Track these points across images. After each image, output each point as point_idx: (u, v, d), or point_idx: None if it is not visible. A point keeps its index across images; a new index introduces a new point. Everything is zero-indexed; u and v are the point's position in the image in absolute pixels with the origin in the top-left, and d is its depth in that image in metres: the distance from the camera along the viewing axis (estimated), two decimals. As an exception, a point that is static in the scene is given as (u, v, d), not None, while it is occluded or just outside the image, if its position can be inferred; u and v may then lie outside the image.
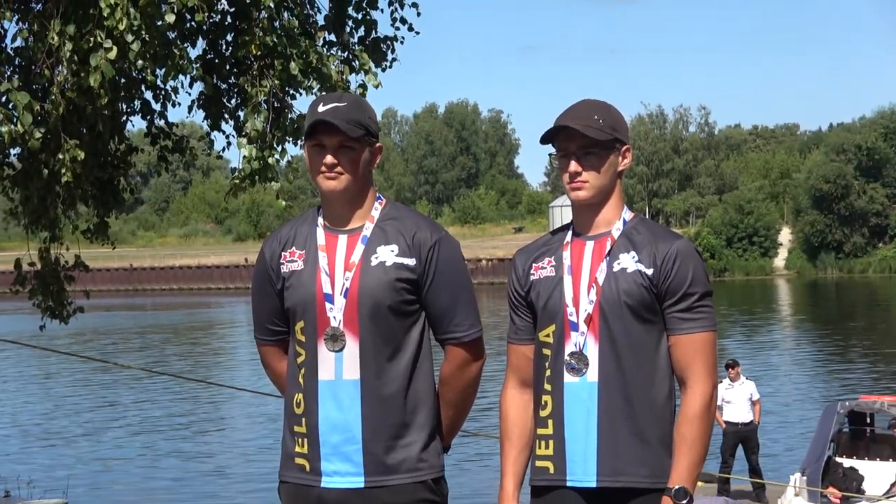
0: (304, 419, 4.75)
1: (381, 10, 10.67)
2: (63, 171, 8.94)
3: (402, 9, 10.71)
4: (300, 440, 4.78)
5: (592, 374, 4.68)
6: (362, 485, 4.77)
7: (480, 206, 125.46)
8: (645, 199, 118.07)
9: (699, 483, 4.62)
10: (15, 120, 8.49)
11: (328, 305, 4.69)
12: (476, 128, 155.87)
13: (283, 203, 9.86)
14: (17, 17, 9.27)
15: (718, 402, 19.98)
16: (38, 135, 8.64)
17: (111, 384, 44.18)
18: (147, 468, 30.88)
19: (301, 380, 4.78)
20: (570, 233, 4.77)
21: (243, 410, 28.76)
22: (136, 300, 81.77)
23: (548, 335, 4.72)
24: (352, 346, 4.69)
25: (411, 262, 4.70)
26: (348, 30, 10.41)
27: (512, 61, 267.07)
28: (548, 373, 4.70)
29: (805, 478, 19.65)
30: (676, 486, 4.47)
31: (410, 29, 10.52)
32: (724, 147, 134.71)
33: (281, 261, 4.81)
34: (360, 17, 10.63)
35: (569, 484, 4.71)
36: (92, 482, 28.08)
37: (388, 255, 4.73)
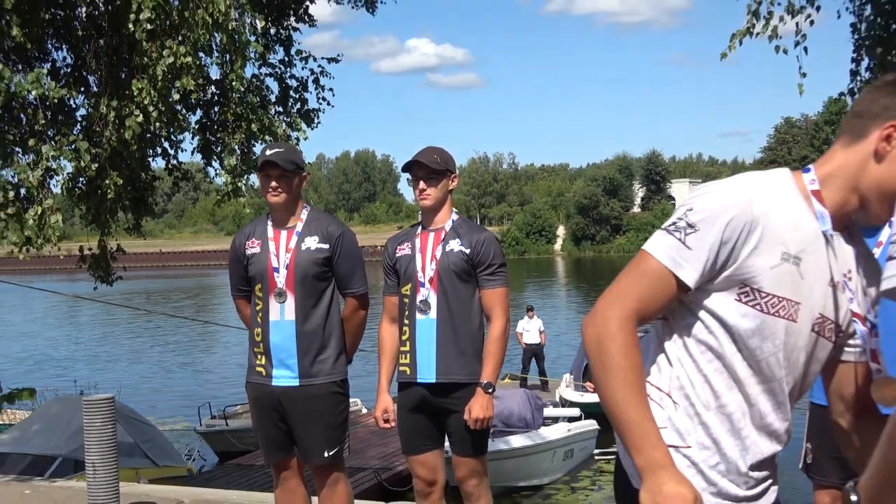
0: (261, 344, 5.20)
1: (310, 93, 10.36)
2: (108, 191, 8.83)
3: (324, 91, 10.49)
4: (259, 357, 5.23)
5: (433, 313, 5.06)
6: (297, 383, 5.15)
7: (377, 214, 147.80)
8: (476, 209, 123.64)
9: (508, 381, 4.79)
10: (80, 159, 8.24)
11: (276, 275, 5.14)
12: (374, 164, 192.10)
13: (248, 211, 9.74)
14: (83, 96, 8.98)
15: (520, 330, 19.69)
16: (93, 168, 8.51)
17: (143, 326, 45.46)
18: (169, 378, 31.45)
19: (259, 319, 5.22)
20: (420, 227, 5.26)
21: (233, 339, 28.05)
22: (163, 272, 79.32)
23: (406, 290, 5.17)
24: (290, 300, 5.13)
25: (325, 246, 5.15)
26: (290, 104, 10.16)
27: (397, 126, 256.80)
28: (406, 313, 5.16)
29: (571, 376, 21.62)
30: (485, 381, 4.91)
31: (329, 104, 10.31)
32: (524, 177, 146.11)
33: (245, 247, 5.27)
34: (297, 97, 10.39)
35: (418, 380, 5.09)
36: (133, 386, 27.38)
37: (312, 242, 5.16)
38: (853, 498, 2.23)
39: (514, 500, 15.16)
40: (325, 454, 5.17)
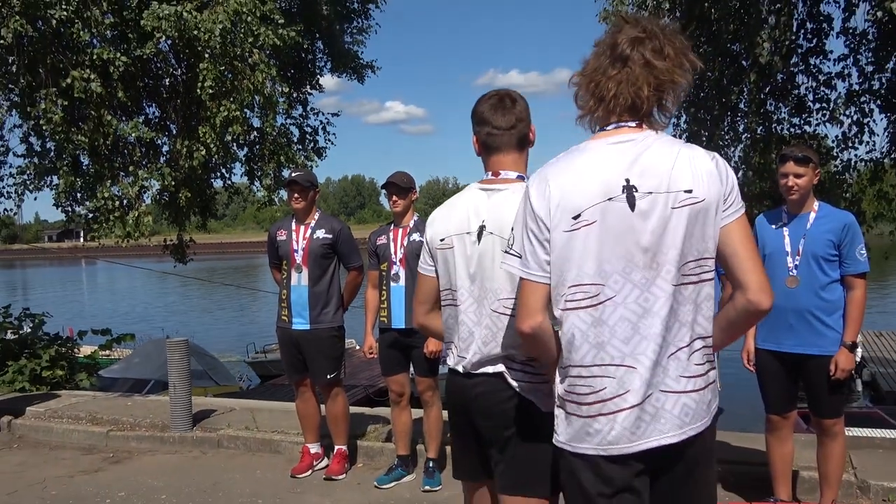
0: (285, 300, 5.26)
1: (320, 136, 10.61)
2: (182, 202, 8.72)
3: (329, 135, 10.70)
4: (284, 309, 5.30)
5: (402, 282, 4.99)
6: (308, 328, 5.23)
7: (366, 217, 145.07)
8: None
9: None
10: (164, 180, 8.17)
11: (295, 254, 5.21)
12: (364, 185, 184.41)
13: (280, 214, 9.73)
14: (166, 137, 8.93)
15: None
16: (173, 186, 8.33)
17: (209, 291, 42.92)
18: (226, 326, 31.07)
19: (284, 283, 5.28)
20: (393, 225, 5.18)
21: (269, 300, 27.70)
22: (222, 256, 78.14)
23: (384, 267, 5.13)
24: (305, 271, 5.18)
25: (330, 236, 5.23)
26: (307, 143, 10.19)
27: (379, 158, 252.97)
28: (384, 282, 5.11)
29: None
30: None
31: (333, 144, 10.32)
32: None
33: (276, 235, 5.35)
34: (311, 139, 10.83)
35: (393, 326, 5.04)
36: (202, 331, 26.88)
37: (321, 234, 5.24)
38: None
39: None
40: (328, 376, 5.24)
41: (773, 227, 4.12)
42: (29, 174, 9.83)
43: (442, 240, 2.63)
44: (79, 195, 10.08)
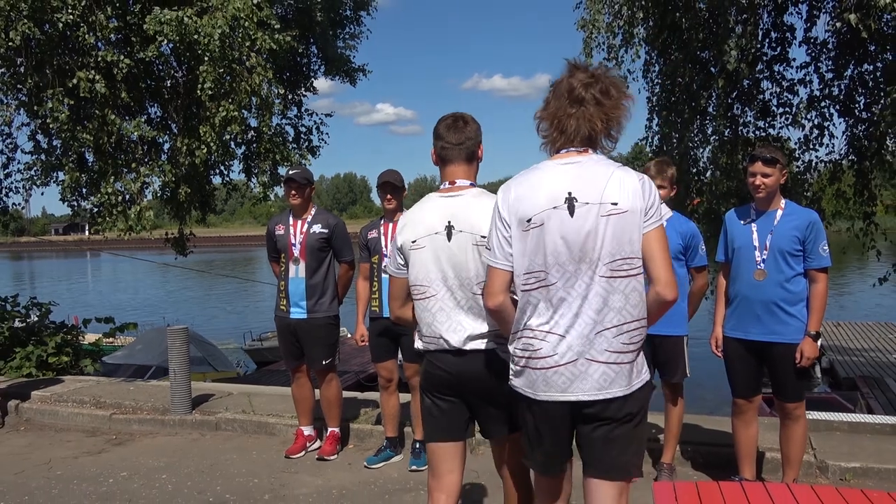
0: (284, 291, 5.23)
1: (314, 135, 10.49)
2: (181, 197, 8.54)
3: (322, 135, 10.52)
4: (282, 299, 5.26)
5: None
6: (306, 316, 5.19)
7: (357, 213, 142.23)
8: None
9: None
10: (165, 176, 8.08)
11: (293, 248, 5.17)
12: (355, 182, 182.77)
13: (274, 210, 9.70)
14: (167, 135, 8.75)
15: None
16: (173, 181, 8.19)
17: (208, 282, 43.81)
18: (224, 315, 30.59)
19: (282, 275, 5.24)
20: (383, 220, 5.14)
21: (265, 290, 27.69)
22: (220, 249, 77.50)
23: (375, 259, 5.12)
24: (302, 264, 5.14)
25: (326, 231, 5.19)
26: (301, 143, 10.06)
27: (370, 158, 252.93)
28: (375, 274, 5.11)
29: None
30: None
31: (326, 143, 10.17)
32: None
33: (275, 230, 5.30)
34: (306, 138, 10.61)
35: (383, 315, 4.96)
36: (202, 320, 27.15)
37: (317, 228, 5.19)
38: None
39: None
40: (323, 362, 5.21)
41: (742, 222, 4.13)
42: (36, 170, 9.72)
43: (413, 241, 2.91)
44: (84, 190, 9.99)
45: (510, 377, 2.60)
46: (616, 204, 2.40)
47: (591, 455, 2.49)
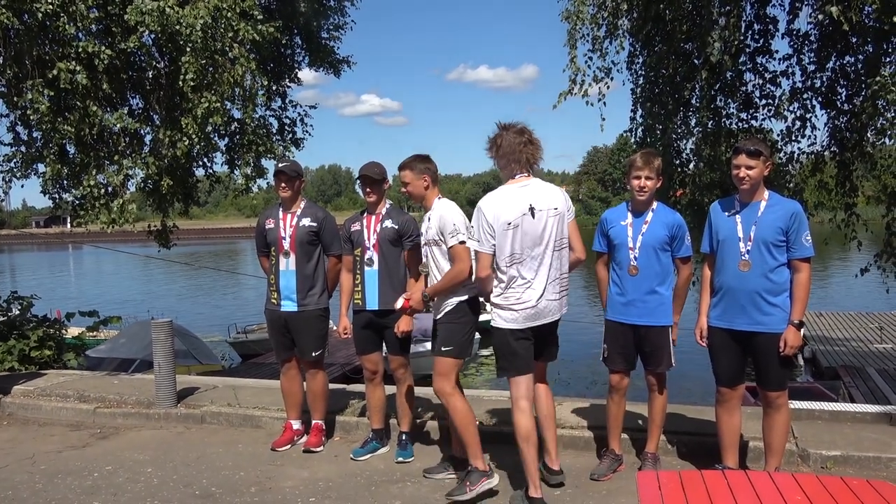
0: (275, 284, 5.26)
1: (298, 127, 10.29)
2: (164, 189, 8.41)
3: (307, 126, 10.37)
4: (273, 292, 5.29)
5: (375, 266, 4.99)
6: (297, 309, 5.24)
7: (342, 205, 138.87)
8: (405, 202, 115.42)
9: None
10: (148, 168, 7.97)
11: (283, 241, 5.21)
12: (340, 174, 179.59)
13: (255, 202, 9.72)
14: (149, 127, 8.61)
15: None
16: (156, 174, 8.12)
17: (192, 275, 43.44)
18: (209, 308, 29.13)
19: (272, 269, 5.28)
20: (366, 212, 5.13)
21: (248, 282, 27.54)
22: (204, 241, 76.99)
23: (358, 252, 5.09)
24: (293, 257, 5.18)
25: (315, 224, 5.23)
26: (285, 134, 9.95)
27: (355, 149, 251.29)
28: (358, 266, 5.07)
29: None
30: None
31: (310, 135, 10.10)
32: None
33: (265, 224, 5.34)
34: (290, 130, 10.36)
35: (367, 308, 5.03)
36: (186, 313, 26.28)
37: (306, 221, 5.23)
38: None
39: (428, 383, 15.21)
40: (313, 354, 5.27)
41: (727, 214, 4.17)
42: (16, 162, 9.57)
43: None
44: (65, 183, 9.87)
45: (494, 319, 4.06)
46: (556, 209, 4.07)
47: (544, 348, 4.23)
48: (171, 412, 6.23)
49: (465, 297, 4.42)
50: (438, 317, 4.46)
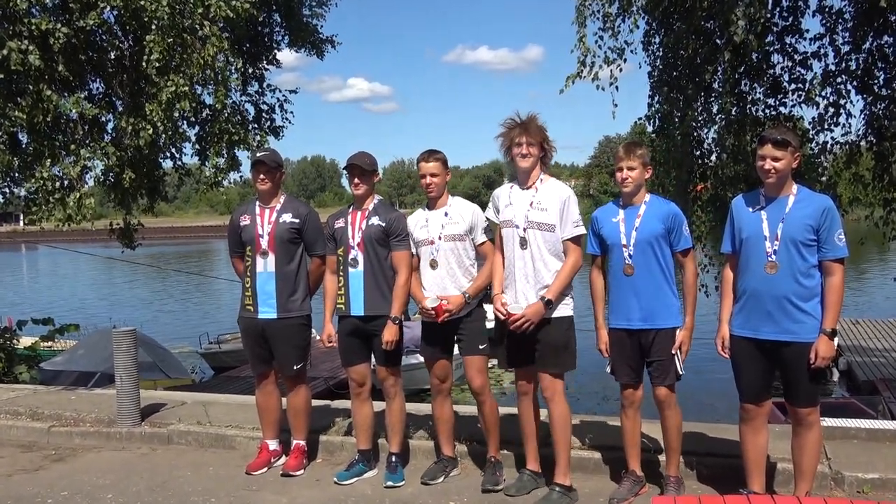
0: (250, 289, 5.21)
1: (277, 114, 10.36)
2: (126, 182, 8.41)
3: (287, 113, 10.44)
4: (248, 298, 5.23)
5: (360, 267, 4.98)
6: (276, 316, 5.18)
7: (326, 200, 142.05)
8: (396, 197, 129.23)
9: (417, 316, 4.95)
10: (108, 159, 7.96)
11: (261, 239, 5.14)
12: (324, 166, 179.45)
13: (225, 197, 9.72)
14: (111, 114, 8.62)
15: None
16: (117, 165, 8.12)
17: (158, 278, 42.77)
18: (177, 315, 30.32)
19: (248, 271, 5.22)
20: (352, 207, 5.14)
21: (221, 287, 27.31)
22: (172, 241, 76.42)
23: (342, 251, 5.06)
24: (271, 257, 5.12)
25: (297, 221, 5.18)
26: (263, 122, 9.92)
27: (341, 138, 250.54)
28: (342, 267, 5.05)
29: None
30: (392, 315, 4.85)
31: (291, 123, 10.11)
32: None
33: (240, 220, 5.26)
34: (268, 117, 10.43)
35: (351, 314, 5.01)
36: (152, 321, 25.93)
37: (287, 217, 5.18)
38: None
39: (421, 397, 15.13)
40: (294, 367, 5.23)
41: (751, 209, 4.15)
42: (-40, 153, 9.61)
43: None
44: (16, 175, 9.88)
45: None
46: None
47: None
48: (134, 431, 6.19)
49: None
50: (468, 317, 4.88)
